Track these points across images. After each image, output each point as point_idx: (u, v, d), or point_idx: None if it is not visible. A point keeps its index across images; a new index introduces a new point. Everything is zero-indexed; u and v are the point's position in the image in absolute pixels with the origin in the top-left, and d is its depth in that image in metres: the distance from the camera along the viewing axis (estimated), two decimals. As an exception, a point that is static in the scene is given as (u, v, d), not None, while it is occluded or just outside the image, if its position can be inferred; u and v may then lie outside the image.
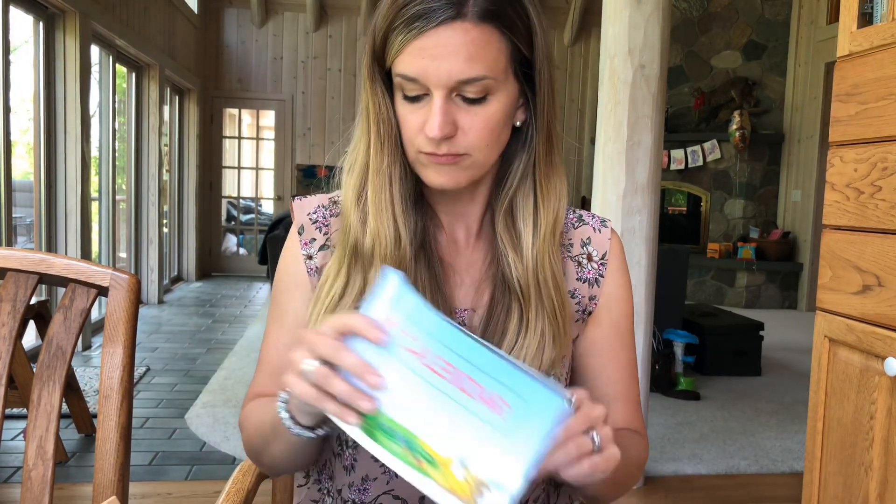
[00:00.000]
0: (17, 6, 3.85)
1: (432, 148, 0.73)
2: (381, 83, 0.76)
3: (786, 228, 6.98)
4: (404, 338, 0.59)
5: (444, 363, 0.57)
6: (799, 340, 5.16)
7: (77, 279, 0.92)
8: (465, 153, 0.73)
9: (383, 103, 0.76)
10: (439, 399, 0.57)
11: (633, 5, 2.46)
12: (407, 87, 0.73)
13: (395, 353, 0.59)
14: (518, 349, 0.77)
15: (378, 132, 0.77)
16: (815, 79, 6.67)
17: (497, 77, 0.72)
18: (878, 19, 1.35)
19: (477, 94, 0.71)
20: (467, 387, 0.56)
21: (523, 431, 0.55)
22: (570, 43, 8.18)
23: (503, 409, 0.55)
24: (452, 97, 0.71)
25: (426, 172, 0.76)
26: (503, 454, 0.56)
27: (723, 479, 2.79)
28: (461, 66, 0.69)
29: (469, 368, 0.56)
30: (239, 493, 0.88)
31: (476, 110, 0.72)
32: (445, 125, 0.71)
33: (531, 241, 0.78)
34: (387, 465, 0.59)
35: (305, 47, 7.83)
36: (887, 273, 1.27)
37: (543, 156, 0.79)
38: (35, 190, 4.27)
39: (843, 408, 1.39)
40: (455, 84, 0.70)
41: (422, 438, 0.57)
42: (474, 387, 0.56)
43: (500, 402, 0.55)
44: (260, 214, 8.23)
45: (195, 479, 2.63)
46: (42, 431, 0.88)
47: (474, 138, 0.73)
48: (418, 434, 0.57)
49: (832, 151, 1.45)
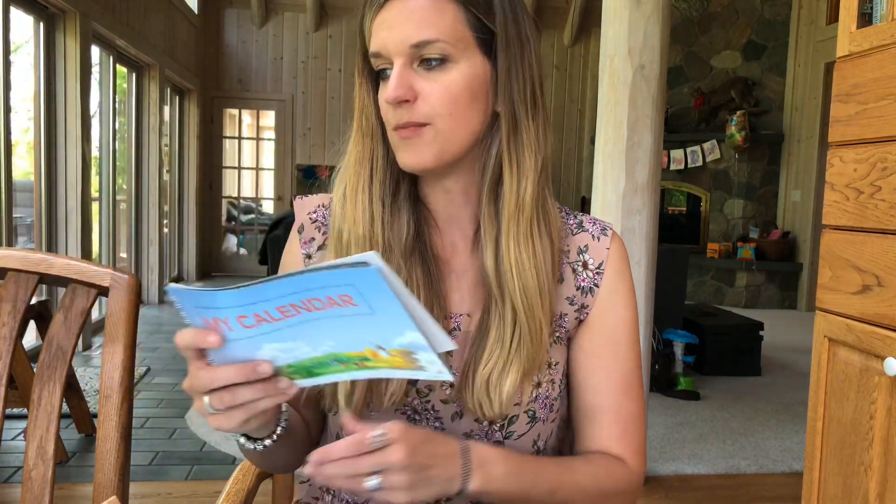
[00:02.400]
0: (18, 6, 3.85)
1: (396, 118, 0.74)
2: (366, 76, 0.79)
3: (785, 228, 6.98)
4: (232, 322, 0.59)
5: (273, 312, 0.58)
6: (799, 340, 5.16)
7: (77, 279, 0.92)
8: (426, 122, 0.73)
9: (367, 95, 0.78)
10: (309, 327, 0.58)
11: (633, 5, 2.46)
12: (377, 64, 0.75)
13: (244, 332, 0.59)
14: (490, 354, 0.76)
15: (360, 124, 0.79)
16: (815, 79, 6.67)
17: (454, 44, 0.72)
18: (878, 19, 1.35)
19: (434, 56, 0.72)
20: (311, 307, 0.57)
21: (377, 303, 0.56)
22: (570, 43, 8.18)
23: (348, 300, 0.56)
24: (413, 67, 0.73)
25: (399, 155, 0.76)
26: (388, 325, 0.57)
27: (722, 479, 2.79)
28: (413, 31, 0.71)
29: (292, 298, 0.57)
30: (239, 493, 0.88)
31: (434, 76, 0.73)
32: (399, 86, 0.72)
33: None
34: (345, 382, 0.65)
35: (305, 47, 7.83)
36: (887, 273, 1.27)
37: (508, 137, 0.76)
38: (35, 190, 4.27)
39: (843, 408, 1.39)
40: (410, 50, 0.72)
41: (337, 352, 0.60)
42: (313, 304, 0.57)
43: (339, 299, 0.56)
44: (260, 214, 8.23)
45: (195, 479, 2.63)
46: (42, 431, 0.88)
47: (434, 103, 0.73)
48: (334, 351, 0.60)
49: (832, 151, 1.45)
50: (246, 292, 0.56)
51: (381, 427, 0.63)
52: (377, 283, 0.54)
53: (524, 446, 0.79)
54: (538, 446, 0.81)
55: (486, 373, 0.75)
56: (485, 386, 0.75)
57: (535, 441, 0.80)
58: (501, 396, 0.75)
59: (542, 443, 0.81)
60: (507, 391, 0.75)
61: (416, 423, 0.79)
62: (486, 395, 0.75)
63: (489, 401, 0.75)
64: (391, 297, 0.55)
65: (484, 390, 0.75)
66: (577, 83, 8.28)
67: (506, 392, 0.75)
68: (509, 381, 0.75)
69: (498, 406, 0.75)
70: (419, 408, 0.78)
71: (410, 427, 0.65)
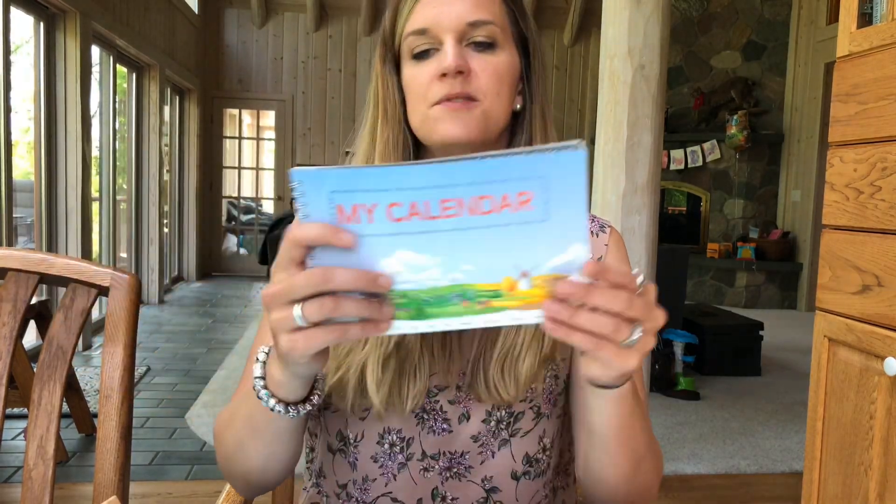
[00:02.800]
0: (18, 6, 3.85)
1: (446, 89, 0.73)
2: (390, 65, 0.78)
3: (785, 228, 6.98)
4: (379, 210, 0.50)
5: (434, 205, 0.49)
6: (799, 340, 5.16)
7: (77, 279, 0.92)
8: (477, 98, 0.74)
9: (391, 83, 0.78)
10: (457, 238, 0.50)
11: (633, 5, 2.46)
12: (417, 44, 0.75)
13: (387, 227, 0.50)
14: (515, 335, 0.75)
15: (384, 112, 0.78)
16: (815, 79, 6.67)
17: (502, 30, 0.75)
18: (878, 19, 1.35)
19: (486, 37, 0.74)
20: (477, 207, 0.49)
21: (559, 203, 0.49)
22: (570, 43, 8.18)
23: (526, 200, 0.49)
24: (462, 45, 0.74)
25: (439, 127, 0.75)
26: (555, 237, 0.50)
27: (722, 479, 2.79)
28: (469, 10, 0.73)
29: (464, 190, 0.49)
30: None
31: (486, 57, 0.74)
32: (460, 57, 0.73)
33: None
34: (453, 331, 0.55)
35: (305, 47, 7.83)
36: (887, 273, 1.27)
37: (540, 139, 0.79)
38: (35, 190, 4.27)
39: (843, 407, 1.39)
40: (464, 27, 0.73)
41: (470, 283, 0.52)
42: (481, 203, 0.49)
43: (517, 198, 0.49)
44: (260, 214, 8.23)
45: (195, 479, 2.63)
46: (42, 431, 0.88)
47: (486, 81, 0.74)
48: (464, 281, 0.52)
49: (832, 151, 1.45)
50: (416, 171, 0.48)
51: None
52: (577, 173, 0.48)
53: (531, 444, 0.80)
54: (544, 443, 0.81)
55: (502, 355, 0.75)
56: (499, 368, 0.75)
57: (541, 438, 0.80)
58: (519, 378, 0.74)
59: (547, 440, 0.81)
60: (526, 372, 0.74)
61: (425, 422, 0.79)
62: (500, 377, 0.75)
63: (504, 383, 0.75)
64: (580, 195, 0.49)
65: (499, 372, 0.75)
66: (577, 83, 8.29)
67: (523, 374, 0.74)
68: (527, 363, 0.74)
69: (514, 388, 0.74)
70: (427, 407, 0.78)
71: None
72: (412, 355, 0.75)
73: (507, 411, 0.79)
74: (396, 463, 0.79)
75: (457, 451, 0.79)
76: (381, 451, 0.79)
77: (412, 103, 0.76)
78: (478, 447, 0.79)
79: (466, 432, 0.78)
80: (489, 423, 0.78)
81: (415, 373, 0.75)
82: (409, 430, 0.79)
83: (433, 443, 0.79)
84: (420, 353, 0.76)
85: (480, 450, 0.79)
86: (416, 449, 0.79)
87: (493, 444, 0.79)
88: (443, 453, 0.79)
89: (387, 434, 0.79)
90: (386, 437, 0.79)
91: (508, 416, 0.79)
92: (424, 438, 0.79)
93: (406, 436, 0.79)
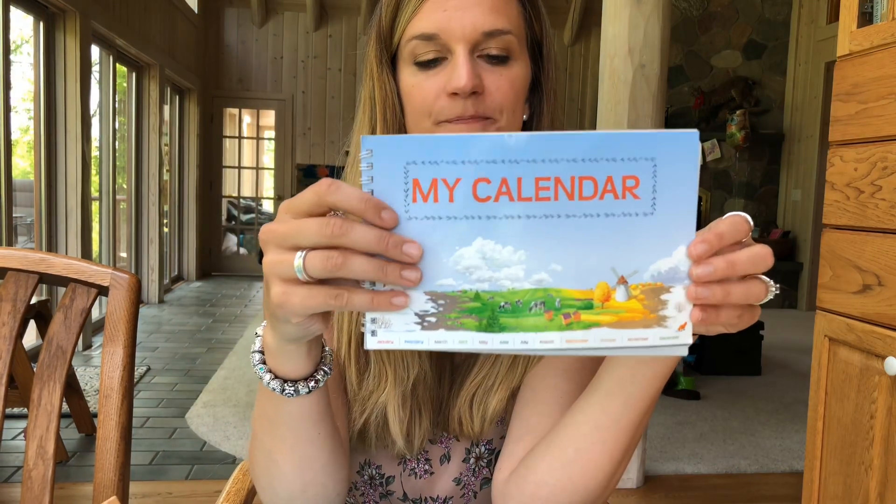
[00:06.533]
0: (18, 6, 3.85)
1: (458, 110, 0.64)
2: (385, 64, 0.69)
3: (786, 228, 6.98)
4: (462, 187, 0.42)
5: (527, 183, 0.41)
6: (799, 340, 5.17)
7: (77, 279, 0.92)
8: (492, 117, 0.65)
9: (390, 88, 0.69)
10: (549, 228, 0.42)
11: (633, 5, 2.46)
12: (422, 50, 0.65)
13: (467, 207, 0.42)
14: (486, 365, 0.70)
15: (383, 116, 0.69)
16: (815, 78, 6.67)
17: (518, 36, 0.66)
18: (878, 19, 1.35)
19: (500, 50, 0.65)
20: (574, 192, 0.41)
21: (668, 193, 0.42)
22: (570, 43, 8.18)
23: (632, 187, 0.42)
24: (474, 57, 0.64)
25: None
26: (661, 235, 0.42)
27: (723, 479, 2.79)
28: (485, 17, 0.63)
29: (565, 169, 0.41)
30: (239, 492, 0.88)
31: (501, 71, 0.65)
32: (473, 76, 0.63)
33: None
34: (528, 353, 0.46)
35: (305, 47, 7.83)
36: (887, 272, 1.27)
37: None
38: (35, 189, 4.27)
39: (844, 407, 1.39)
40: (479, 37, 0.63)
41: (557, 287, 0.43)
42: (582, 187, 0.41)
43: (620, 183, 0.42)
44: (260, 214, 8.23)
45: (195, 479, 2.63)
46: (42, 431, 0.88)
47: (501, 99, 0.65)
48: (550, 285, 0.43)
49: (832, 151, 1.45)
50: (514, 141, 0.41)
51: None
52: (691, 158, 0.41)
53: None
54: None
55: (475, 385, 0.70)
56: (468, 400, 0.70)
57: None
58: (486, 412, 0.69)
59: None
60: (494, 406, 0.69)
61: (407, 463, 0.75)
62: (468, 409, 0.70)
63: (470, 417, 0.70)
64: (691, 186, 0.42)
65: (467, 404, 0.70)
66: (577, 83, 8.28)
67: (491, 408, 0.69)
68: (497, 397, 0.69)
69: (479, 423, 0.70)
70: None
71: None
72: (428, 388, 0.70)
73: (487, 447, 0.74)
74: (377, 493, 0.77)
75: (439, 497, 0.76)
76: (360, 481, 0.77)
77: (413, 115, 0.68)
78: (460, 490, 0.75)
79: (448, 475, 0.75)
80: (468, 460, 0.74)
81: (420, 408, 0.71)
82: (390, 468, 0.75)
83: (414, 487, 0.75)
84: (429, 384, 0.70)
85: (463, 492, 0.75)
86: (396, 488, 0.76)
87: (475, 484, 0.75)
88: (424, 500, 0.76)
89: (367, 467, 0.76)
90: (366, 469, 0.76)
91: (489, 452, 0.74)
92: (406, 481, 0.75)
93: (386, 473, 0.76)
